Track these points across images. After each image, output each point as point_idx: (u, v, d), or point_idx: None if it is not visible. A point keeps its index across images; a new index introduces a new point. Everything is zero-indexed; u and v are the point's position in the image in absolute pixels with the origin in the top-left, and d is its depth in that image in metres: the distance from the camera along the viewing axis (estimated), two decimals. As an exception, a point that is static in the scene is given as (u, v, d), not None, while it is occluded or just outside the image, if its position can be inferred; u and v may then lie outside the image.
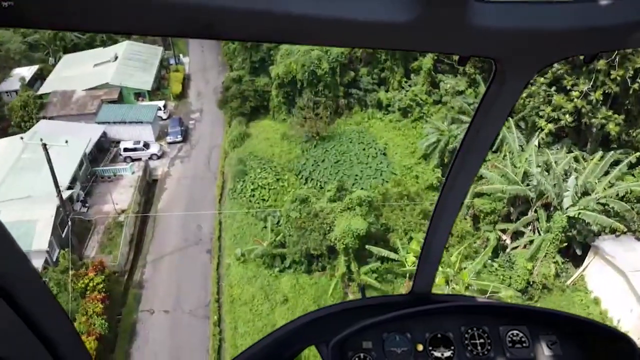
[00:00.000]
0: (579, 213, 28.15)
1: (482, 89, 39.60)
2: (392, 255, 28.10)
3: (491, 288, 25.17)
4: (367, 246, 28.49)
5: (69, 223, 31.46)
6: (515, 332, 2.83)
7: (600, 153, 30.61)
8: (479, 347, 2.81)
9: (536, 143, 31.44)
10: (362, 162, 40.55)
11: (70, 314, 28.17)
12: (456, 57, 1.39)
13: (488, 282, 25.85)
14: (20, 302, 1.25)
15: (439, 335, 2.85)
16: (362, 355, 2.81)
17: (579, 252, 31.15)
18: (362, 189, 33.05)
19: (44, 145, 28.67)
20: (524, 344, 2.80)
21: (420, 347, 2.81)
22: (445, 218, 2.35)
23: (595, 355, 2.71)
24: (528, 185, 30.45)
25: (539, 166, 29.67)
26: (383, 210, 31.12)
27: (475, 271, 26.45)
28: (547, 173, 29.67)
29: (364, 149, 41.94)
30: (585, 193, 29.44)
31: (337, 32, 1.16)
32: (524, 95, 33.07)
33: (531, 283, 30.49)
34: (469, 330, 2.86)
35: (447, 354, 2.81)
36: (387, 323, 2.85)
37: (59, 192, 32.09)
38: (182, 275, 33.13)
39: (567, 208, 28.78)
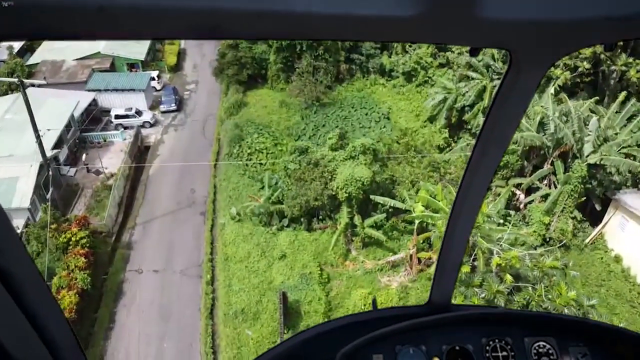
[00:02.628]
0: (601, 159, 26.06)
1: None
2: (399, 204, 26.00)
3: (507, 233, 22.98)
4: (371, 196, 26.39)
5: (50, 175, 29.24)
6: (541, 343, 2.62)
7: (620, 99, 28.55)
8: None
9: (552, 91, 29.39)
10: (365, 126, 38.54)
11: (50, 271, 26.09)
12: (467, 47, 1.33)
13: (502, 228, 23.71)
14: (16, 287, 1.26)
15: (457, 348, 2.63)
16: None
17: (598, 207, 29.02)
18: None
19: (21, 83, 26.58)
20: (552, 357, 2.58)
21: None
22: (464, 219, 2.10)
23: None
24: (544, 134, 28.39)
25: (556, 114, 27.59)
26: (388, 163, 29.05)
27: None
28: (565, 118, 27.59)
29: (366, 114, 39.94)
30: (606, 140, 27.37)
31: (343, 27, 1.12)
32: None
33: (547, 240, 28.35)
34: (491, 342, 2.64)
35: None
36: (401, 334, 2.63)
37: (42, 150, 30.09)
38: (174, 237, 31.01)
39: (587, 155, 26.69)
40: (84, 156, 36.12)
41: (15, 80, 31.72)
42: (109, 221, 31.65)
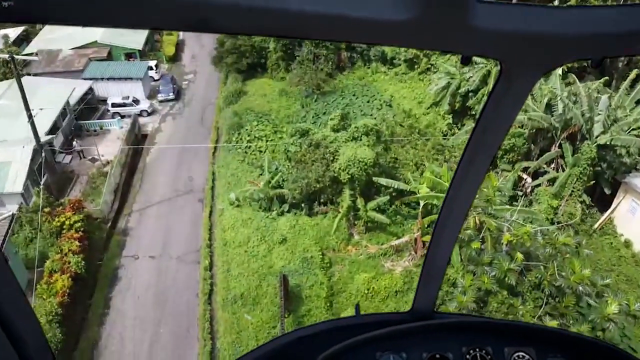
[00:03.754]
0: (612, 139, 25.28)
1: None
2: (403, 186, 25.19)
3: (517, 212, 22.15)
4: (374, 178, 25.58)
5: (43, 157, 28.41)
6: (521, 353, 2.58)
7: (632, 76, 27.80)
8: None
9: (560, 72, 28.62)
10: (367, 113, 37.67)
11: (42, 255, 25.25)
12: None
13: (512, 207, 22.88)
14: None
15: (438, 356, 2.58)
16: None
17: (607, 190, 28.24)
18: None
19: (12, 59, 25.83)
20: None
21: None
22: (450, 228, 2.12)
23: None
24: (552, 116, 27.61)
25: (564, 93, 26.80)
26: (392, 147, 28.26)
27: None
28: (574, 98, 26.81)
29: (368, 102, 39.17)
30: (616, 121, 26.61)
31: (336, 28, 1.11)
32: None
33: (555, 224, 27.52)
34: (471, 351, 2.60)
35: None
36: (382, 341, 2.59)
37: (34, 130, 29.29)
38: (171, 224, 30.17)
39: (597, 136, 25.93)
40: (75, 142, 35.16)
41: (6, 56, 30.84)
42: (104, 207, 30.82)
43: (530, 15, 1.19)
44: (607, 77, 29.24)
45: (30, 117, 26.91)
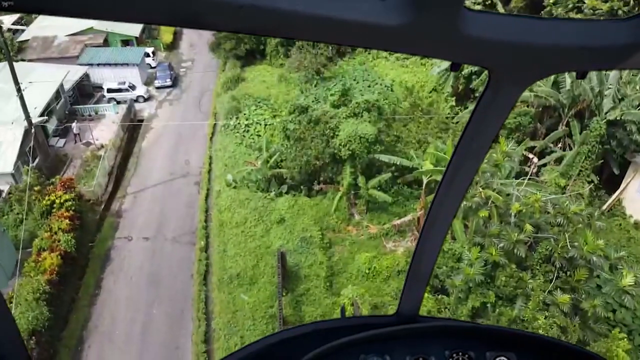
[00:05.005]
0: (622, 114, 24.39)
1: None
2: (406, 162, 24.29)
3: (524, 185, 21.22)
4: (376, 155, 24.69)
5: (33, 133, 27.54)
6: (502, 358, 2.62)
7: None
8: None
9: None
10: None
11: (32, 235, 24.38)
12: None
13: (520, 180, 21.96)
14: None
15: (421, 359, 2.61)
16: None
17: (616, 170, 27.31)
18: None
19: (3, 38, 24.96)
20: None
21: None
22: (436, 233, 2.14)
23: None
24: (560, 93, 26.74)
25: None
26: (394, 125, 27.39)
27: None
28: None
29: (369, 86, 38.10)
30: (624, 98, 25.72)
31: (326, 30, 1.12)
32: None
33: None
34: (454, 355, 2.62)
35: None
36: (366, 343, 2.60)
37: (25, 112, 28.48)
38: (166, 206, 29.30)
39: (606, 112, 25.04)
40: (73, 124, 34.30)
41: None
42: (98, 190, 29.96)
43: (520, 25, 1.20)
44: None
45: (19, 90, 25.98)
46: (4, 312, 1.41)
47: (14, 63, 31.51)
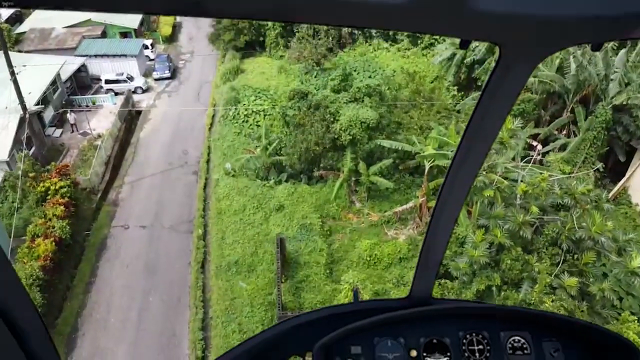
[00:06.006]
0: (628, 99, 23.88)
1: None
2: (407, 147, 23.79)
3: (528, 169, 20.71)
4: (377, 141, 24.20)
5: (26, 118, 27.06)
6: (516, 338, 2.67)
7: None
8: (477, 354, 2.65)
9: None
10: (368, 88, 36.39)
11: (25, 222, 23.88)
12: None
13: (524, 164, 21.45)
14: None
15: (435, 341, 2.67)
16: None
17: (621, 158, 26.84)
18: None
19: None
20: (526, 351, 2.64)
21: (414, 353, 2.65)
22: (447, 215, 2.12)
23: None
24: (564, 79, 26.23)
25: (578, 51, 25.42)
26: (395, 111, 26.88)
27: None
28: (588, 57, 25.41)
29: (369, 77, 37.76)
30: (629, 83, 25.21)
31: (331, 11, 1.08)
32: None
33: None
34: (468, 336, 2.69)
35: None
36: (379, 326, 2.67)
37: (20, 97, 27.99)
38: (164, 195, 28.81)
39: (612, 97, 24.53)
40: (69, 114, 33.80)
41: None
42: (94, 179, 29.47)
43: None
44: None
45: (12, 74, 25.48)
46: (32, 313, 1.41)
47: (10, 53, 31.20)
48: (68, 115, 33.74)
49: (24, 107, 28.07)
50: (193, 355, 19.87)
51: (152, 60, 44.30)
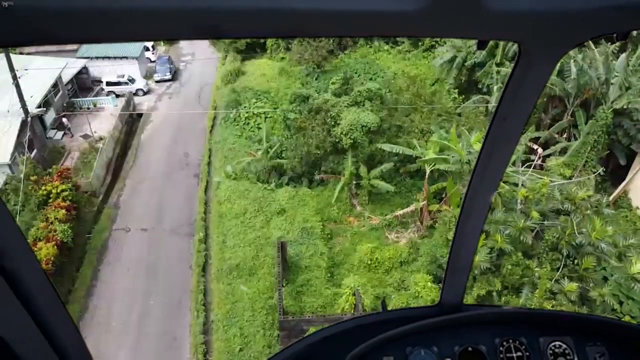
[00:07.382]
0: (629, 103, 23.93)
1: None
2: (408, 151, 23.84)
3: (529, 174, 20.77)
4: (378, 144, 24.25)
5: (29, 122, 27.12)
6: (557, 343, 2.53)
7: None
8: None
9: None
10: (369, 91, 36.43)
11: (26, 225, 23.92)
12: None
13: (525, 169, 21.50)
14: (18, 282, 1.20)
15: (470, 349, 2.55)
16: None
17: (622, 161, 26.87)
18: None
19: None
20: (568, 357, 2.51)
21: None
22: (475, 217, 2.06)
23: None
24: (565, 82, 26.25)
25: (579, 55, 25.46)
26: (396, 114, 26.94)
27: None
28: (589, 62, 25.45)
29: (370, 79, 37.84)
30: (629, 88, 25.25)
31: (345, 24, 1.08)
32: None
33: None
34: (505, 343, 2.55)
35: None
36: (411, 336, 2.56)
37: (22, 100, 28.06)
38: (165, 198, 28.88)
39: (613, 101, 24.57)
40: (63, 118, 33.85)
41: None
42: (95, 181, 29.55)
43: None
44: (623, 41, 27.91)
45: (14, 78, 25.56)
46: (68, 323, 1.43)
47: (12, 55, 31.26)
48: (63, 119, 33.77)
49: (25, 110, 28.11)
50: (194, 359, 19.93)
51: (153, 62, 44.44)
